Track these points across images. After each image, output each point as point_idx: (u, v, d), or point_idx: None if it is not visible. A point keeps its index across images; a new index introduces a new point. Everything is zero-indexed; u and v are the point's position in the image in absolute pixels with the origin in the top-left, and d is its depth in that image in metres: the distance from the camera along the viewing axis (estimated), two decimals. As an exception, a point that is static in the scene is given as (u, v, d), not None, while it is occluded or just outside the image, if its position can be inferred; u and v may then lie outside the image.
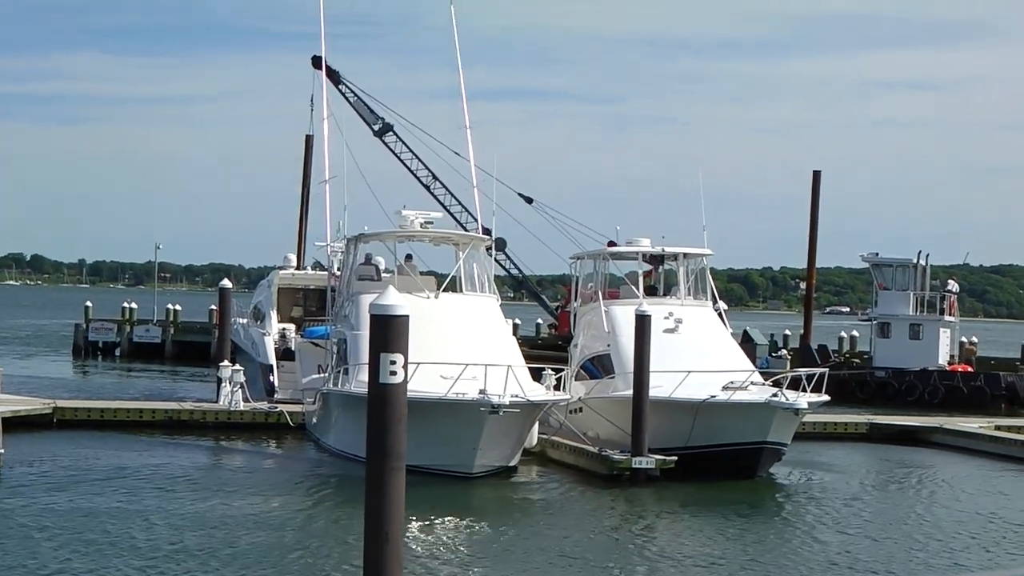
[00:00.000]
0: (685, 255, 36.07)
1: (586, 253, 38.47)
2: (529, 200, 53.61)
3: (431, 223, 34.93)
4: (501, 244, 57.16)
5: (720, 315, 35.31)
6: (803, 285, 72.68)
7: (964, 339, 60.36)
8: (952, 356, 56.91)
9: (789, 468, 31.87)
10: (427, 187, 56.74)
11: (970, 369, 56.32)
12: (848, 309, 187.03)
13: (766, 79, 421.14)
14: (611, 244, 37.83)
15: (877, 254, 58.20)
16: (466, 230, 40.43)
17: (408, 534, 21.36)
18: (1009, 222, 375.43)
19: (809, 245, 63.14)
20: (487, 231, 56.57)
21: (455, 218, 51.03)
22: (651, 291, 36.10)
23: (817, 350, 60.11)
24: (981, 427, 39.01)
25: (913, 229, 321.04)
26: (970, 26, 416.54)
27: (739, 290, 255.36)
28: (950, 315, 56.70)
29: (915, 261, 56.70)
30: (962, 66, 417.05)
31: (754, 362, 54.21)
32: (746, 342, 62.50)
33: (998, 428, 39.23)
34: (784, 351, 61.34)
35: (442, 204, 54.84)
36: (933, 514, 26.89)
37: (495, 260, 56.80)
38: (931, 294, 56.44)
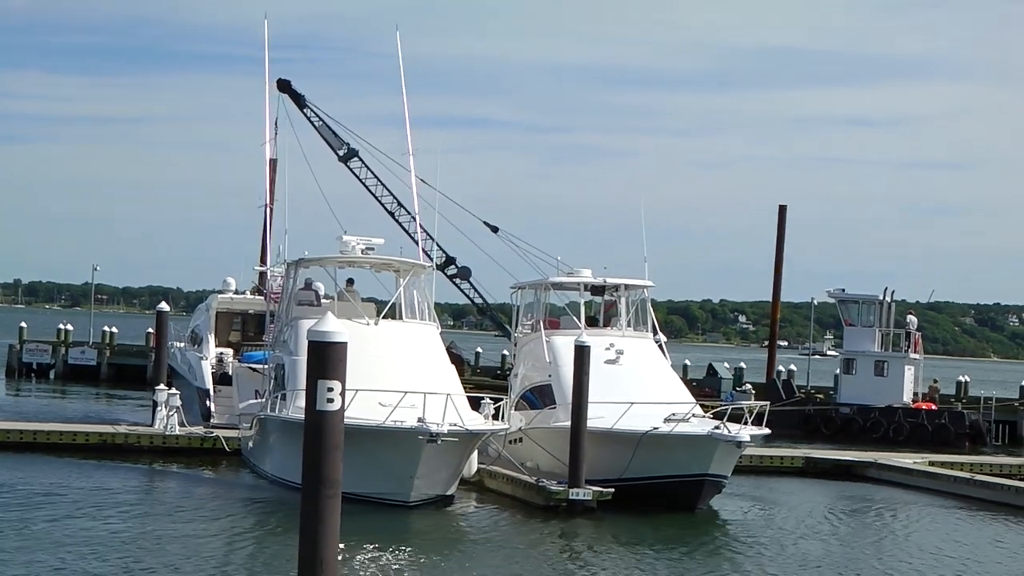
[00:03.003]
0: (627, 286, 36.12)
1: (528, 283, 38.32)
2: (495, 229, 53.31)
3: (372, 249, 34.67)
4: (466, 273, 57.00)
5: (660, 347, 35.35)
6: (742, 318, 73.39)
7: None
8: (916, 393, 57.10)
9: (728, 501, 31.90)
10: (391, 214, 56.48)
11: (934, 407, 56.37)
12: (787, 343, 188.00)
13: (710, 113, 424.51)
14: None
15: (844, 290, 57.88)
16: (431, 258, 40.08)
17: (343, 562, 21.13)
18: (942, 258, 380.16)
19: (774, 279, 63.42)
20: (451, 259, 56.51)
21: (419, 245, 50.70)
22: (592, 322, 36.07)
23: (782, 385, 60.25)
24: (915, 463, 39.31)
25: (852, 264, 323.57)
26: (915, 63, 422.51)
27: (679, 322, 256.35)
28: (915, 352, 56.59)
29: (881, 298, 56.58)
30: (900, 104, 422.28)
31: (719, 396, 54.55)
32: (711, 375, 62.94)
33: (932, 464, 39.52)
34: (748, 385, 61.46)
35: (406, 231, 54.51)
36: (868, 551, 27.01)
37: (459, 288, 56.87)
38: (896, 331, 56.43)
